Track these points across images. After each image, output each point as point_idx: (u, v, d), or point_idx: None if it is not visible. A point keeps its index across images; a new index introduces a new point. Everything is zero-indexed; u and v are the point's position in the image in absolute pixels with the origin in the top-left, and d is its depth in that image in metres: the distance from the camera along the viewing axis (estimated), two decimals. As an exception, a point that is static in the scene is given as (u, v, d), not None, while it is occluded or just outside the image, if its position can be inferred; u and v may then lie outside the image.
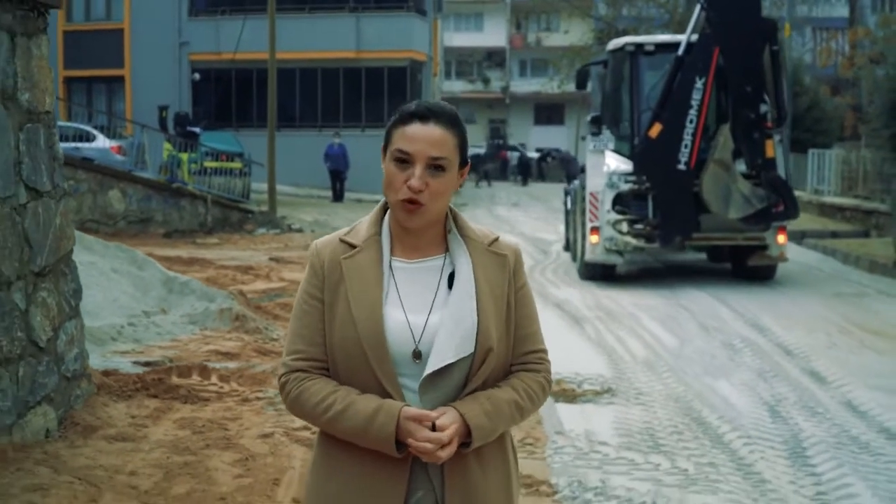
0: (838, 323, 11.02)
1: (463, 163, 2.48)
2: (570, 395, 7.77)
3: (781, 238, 13.66)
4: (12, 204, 6.18)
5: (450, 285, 2.46)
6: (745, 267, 14.16)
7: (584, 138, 50.57)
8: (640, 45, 14.30)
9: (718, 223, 13.39)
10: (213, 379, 7.75)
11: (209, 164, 23.79)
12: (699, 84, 13.16)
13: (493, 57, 62.31)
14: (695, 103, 13.12)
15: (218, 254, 16.92)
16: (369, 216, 2.54)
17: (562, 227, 21.99)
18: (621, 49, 14.45)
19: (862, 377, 8.47)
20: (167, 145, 24.30)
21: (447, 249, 2.50)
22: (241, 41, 29.69)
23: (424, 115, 2.43)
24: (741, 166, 13.33)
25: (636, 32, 29.72)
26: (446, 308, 2.42)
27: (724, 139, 13.17)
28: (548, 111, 61.05)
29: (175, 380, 7.63)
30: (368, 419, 2.36)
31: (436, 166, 2.41)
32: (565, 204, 17.78)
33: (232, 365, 8.25)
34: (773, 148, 13.36)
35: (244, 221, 21.22)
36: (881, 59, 20.56)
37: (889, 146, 17.53)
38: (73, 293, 7.00)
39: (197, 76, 33.07)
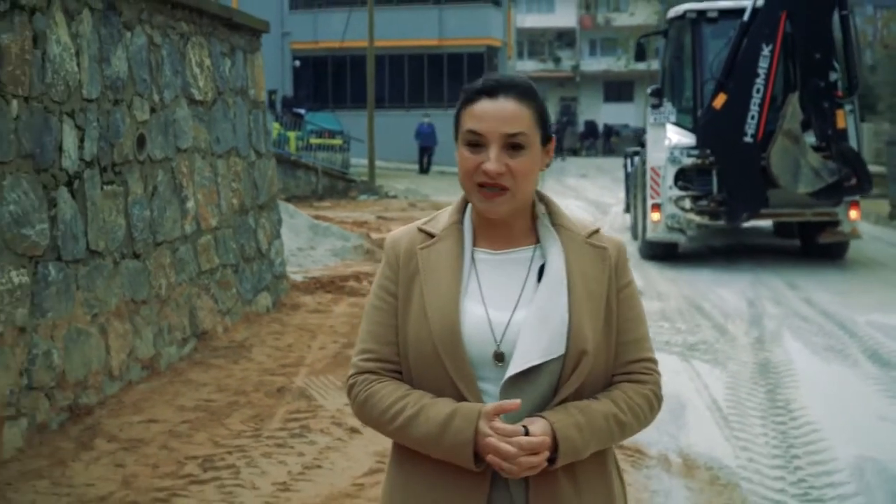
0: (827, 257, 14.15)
1: (546, 138, 2.18)
2: (610, 295, 11.14)
3: (854, 213, 13.09)
4: (248, 161, 9.73)
5: (539, 279, 2.13)
6: (815, 244, 13.70)
7: (651, 113, 52.34)
8: (702, 13, 13.72)
9: (786, 198, 12.84)
10: (365, 283, 11.25)
11: (314, 140, 27.43)
12: (766, 51, 12.53)
13: (564, 37, 64.74)
14: (762, 72, 12.53)
15: (333, 214, 20.46)
16: (452, 204, 2.27)
17: (622, 194, 24.59)
18: (682, 17, 14.04)
19: (826, 285, 11.65)
20: (276, 125, 27.92)
21: (538, 240, 2.19)
22: (334, 32, 33.27)
23: (492, 88, 2.11)
24: (811, 138, 12.80)
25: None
26: (533, 304, 2.10)
27: (793, 109, 12.59)
28: (617, 88, 63.14)
29: (339, 283, 11.16)
30: (443, 424, 2.05)
31: (513, 145, 2.09)
32: (625, 167, 17.80)
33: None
34: (844, 118, 12.83)
35: (349, 189, 24.78)
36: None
37: (888, 117, 20.43)
38: (277, 221, 10.57)
39: (297, 63, 36.89)
